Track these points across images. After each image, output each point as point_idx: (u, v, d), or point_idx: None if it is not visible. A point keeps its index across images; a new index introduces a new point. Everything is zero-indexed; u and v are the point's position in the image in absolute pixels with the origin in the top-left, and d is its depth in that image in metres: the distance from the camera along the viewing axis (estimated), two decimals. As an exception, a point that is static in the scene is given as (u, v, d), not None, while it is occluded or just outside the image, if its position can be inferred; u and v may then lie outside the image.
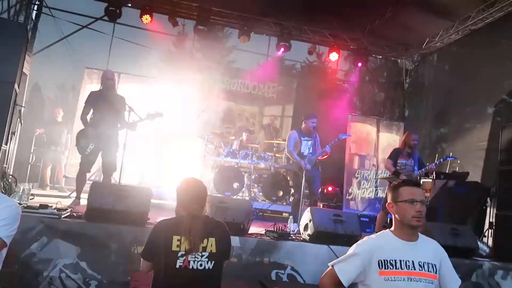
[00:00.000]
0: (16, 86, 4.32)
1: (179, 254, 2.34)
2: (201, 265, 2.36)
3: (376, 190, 8.50)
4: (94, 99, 5.36)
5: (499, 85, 7.96)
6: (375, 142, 8.76)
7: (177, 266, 2.33)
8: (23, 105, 6.30)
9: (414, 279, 2.09)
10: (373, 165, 8.61)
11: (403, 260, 2.12)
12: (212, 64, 10.39)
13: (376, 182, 8.51)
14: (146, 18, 8.43)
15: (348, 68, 12.30)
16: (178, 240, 2.35)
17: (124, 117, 5.40)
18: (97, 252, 4.06)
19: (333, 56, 9.72)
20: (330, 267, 2.26)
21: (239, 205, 4.74)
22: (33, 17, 8.38)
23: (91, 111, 5.36)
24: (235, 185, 7.32)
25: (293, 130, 6.24)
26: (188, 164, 7.79)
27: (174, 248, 2.34)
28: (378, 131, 8.85)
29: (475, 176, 7.60)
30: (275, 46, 9.63)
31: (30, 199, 5.07)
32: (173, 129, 7.99)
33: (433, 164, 5.87)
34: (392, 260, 2.12)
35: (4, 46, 4.13)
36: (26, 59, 5.11)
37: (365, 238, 2.28)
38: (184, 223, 2.39)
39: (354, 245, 2.26)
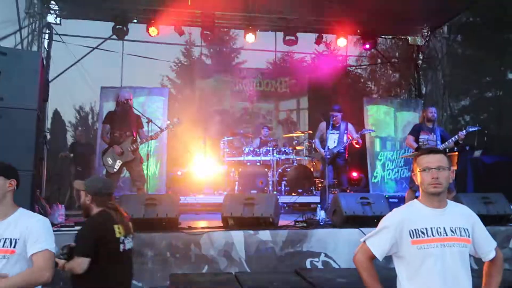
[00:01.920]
0: (38, 112, 4.49)
1: (120, 239, 2.74)
2: (131, 245, 2.85)
3: (401, 170, 8.41)
4: (111, 118, 5.57)
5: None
6: (394, 122, 8.68)
7: (121, 250, 2.73)
8: (46, 131, 6.52)
9: (447, 245, 2.08)
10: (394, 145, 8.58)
11: (434, 227, 2.11)
12: (223, 67, 10.50)
13: (400, 162, 8.43)
14: (153, 31, 8.58)
15: (359, 53, 12.20)
16: (118, 227, 2.75)
17: (144, 132, 5.58)
18: (134, 261, 4.19)
19: (341, 42, 9.65)
20: (362, 243, 2.28)
21: (265, 199, 4.81)
22: (46, 46, 8.64)
23: (110, 129, 5.55)
24: (260, 182, 7.38)
25: (322, 121, 6.51)
26: (210, 168, 7.91)
27: (117, 235, 2.73)
28: (396, 110, 8.76)
29: (505, 142, 7.45)
30: (282, 41, 9.65)
31: (64, 220, 5.26)
32: (191, 135, 8.12)
33: (455, 136, 5.76)
34: (423, 229, 2.12)
35: (22, 75, 4.30)
36: (44, 86, 5.33)
37: (394, 210, 2.29)
38: (114, 213, 2.79)
39: (383, 218, 2.28)
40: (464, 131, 5.75)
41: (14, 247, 2.17)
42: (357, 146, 6.14)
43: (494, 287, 2.21)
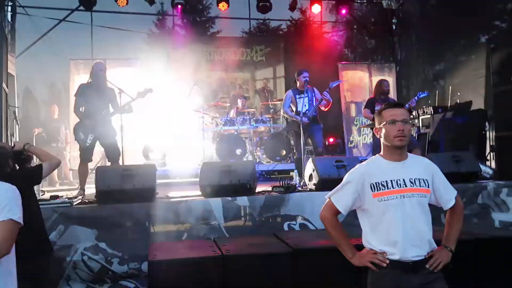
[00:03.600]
0: (4, 86, 4.35)
1: None
2: None
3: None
4: (84, 91, 5.42)
5: (489, 11, 7.83)
6: (369, 87, 8.75)
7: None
8: (16, 106, 6.34)
9: (407, 195, 2.17)
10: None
11: (394, 180, 2.19)
12: (196, 37, 10.29)
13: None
14: (122, 1, 8.32)
15: (335, 20, 12.11)
16: None
17: (117, 105, 5.47)
18: (114, 232, 4.21)
19: (316, 9, 9.59)
20: (328, 200, 2.35)
21: (242, 166, 4.85)
22: (9, 19, 8.28)
23: (83, 103, 5.41)
24: (238, 151, 7.41)
25: (289, 90, 6.35)
26: (188, 139, 7.88)
27: None
28: (370, 75, 8.82)
29: (479, 104, 7.62)
30: (256, 9, 9.50)
31: (41, 195, 5.20)
32: (168, 107, 8.03)
33: (410, 102, 6.06)
34: (383, 181, 2.20)
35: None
36: (9, 59, 5.14)
37: (356, 165, 2.35)
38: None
39: (346, 174, 2.35)
40: (414, 99, 6.01)
41: None
42: (326, 109, 6.08)
43: (455, 234, 2.32)
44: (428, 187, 2.23)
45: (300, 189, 5.06)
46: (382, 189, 2.18)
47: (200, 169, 4.94)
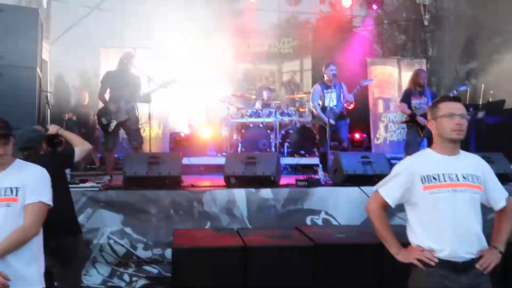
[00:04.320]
0: (38, 70, 4.47)
1: None
2: None
3: (404, 131, 8.40)
4: (109, 78, 5.54)
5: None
6: (398, 83, 8.58)
7: None
8: (48, 91, 6.52)
9: (459, 190, 2.10)
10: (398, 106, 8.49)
11: (446, 173, 2.12)
12: (224, 28, 10.28)
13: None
14: (152, -11, 8.38)
15: (365, 14, 11.90)
16: None
17: (140, 92, 5.57)
18: (139, 217, 4.30)
19: (346, 2, 9.43)
20: (375, 191, 2.30)
21: (267, 159, 4.86)
22: (45, 6, 8.48)
23: (108, 90, 5.52)
24: (262, 143, 7.42)
25: (316, 83, 6.21)
26: (213, 130, 7.93)
27: None
28: (400, 71, 8.63)
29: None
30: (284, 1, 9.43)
31: (71, 179, 5.34)
32: (193, 96, 8.09)
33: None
34: (435, 174, 2.13)
35: (20, 33, 4.25)
36: (44, 45, 5.27)
37: (406, 158, 2.31)
38: None
39: (395, 166, 2.28)
40: (453, 92, 5.72)
41: (16, 195, 2.21)
42: (349, 108, 5.96)
43: (504, 235, 2.24)
44: (480, 184, 2.16)
45: (324, 183, 5.03)
46: (434, 182, 2.12)
47: (225, 159, 4.98)
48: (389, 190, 2.23)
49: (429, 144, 2.39)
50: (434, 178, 2.13)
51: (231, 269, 3.25)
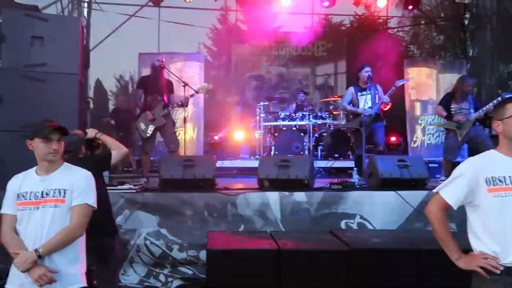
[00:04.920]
0: (80, 77, 4.65)
1: None
2: None
3: (442, 134, 8.14)
4: (144, 83, 5.69)
5: None
6: (436, 85, 8.32)
7: None
8: (89, 97, 6.77)
9: None
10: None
11: None
12: (258, 32, 10.35)
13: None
14: (188, -3, 8.55)
15: (401, 15, 11.66)
16: None
17: (174, 97, 5.69)
18: (175, 219, 4.38)
19: (381, 3, 9.27)
20: (435, 194, 2.22)
21: (300, 162, 4.84)
22: (85, 15, 8.84)
23: (143, 94, 5.66)
24: (295, 146, 7.39)
25: (351, 86, 6.13)
26: (247, 133, 7.98)
27: None
28: (438, 73, 8.38)
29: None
30: (319, 3, 9.36)
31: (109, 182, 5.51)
32: (228, 100, 8.18)
33: (491, 104, 5.39)
34: (501, 177, 2.05)
35: (63, 41, 4.45)
36: (85, 53, 5.51)
37: (468, 158, 2.21)
38: None
39: (457, 167, 2.20)
40: (494, 102, 5.23)
41: (64, 196, 2.32)
42: (386, 109, 5.83)
43: None
44: None
45: (359, 187, 4.95)
46: (500, 184, 2.04)
47: (258, 162, 4.99)
48: (451, 191, 2.14)
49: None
50: (500, 181, 2.04)
51: (265, 272, 3.25)
